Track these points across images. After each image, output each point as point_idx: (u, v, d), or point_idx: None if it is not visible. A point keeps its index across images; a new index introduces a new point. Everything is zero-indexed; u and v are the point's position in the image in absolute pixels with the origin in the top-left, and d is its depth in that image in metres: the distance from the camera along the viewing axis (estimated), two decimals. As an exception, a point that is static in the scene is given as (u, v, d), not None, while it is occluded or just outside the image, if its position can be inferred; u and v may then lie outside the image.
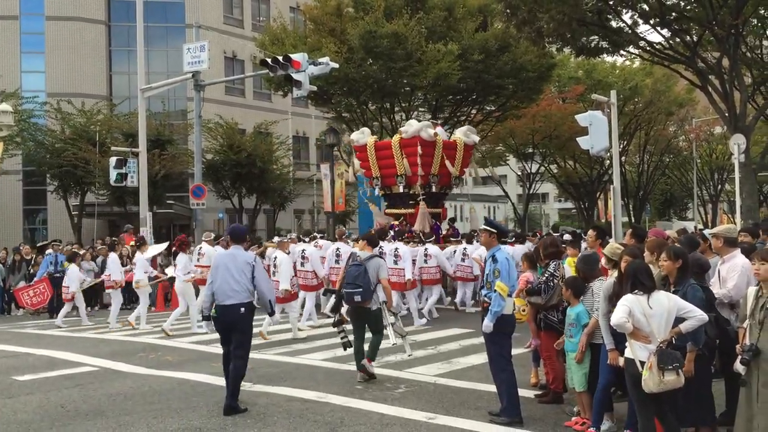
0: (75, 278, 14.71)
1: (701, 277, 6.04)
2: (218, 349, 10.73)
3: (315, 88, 19.01)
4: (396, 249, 13.65)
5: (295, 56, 17.07)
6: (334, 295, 9.42)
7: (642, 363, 5.05)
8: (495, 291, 6.55)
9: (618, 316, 5.10)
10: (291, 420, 6.75)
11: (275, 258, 12.07)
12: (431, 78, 23.71)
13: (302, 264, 13.28)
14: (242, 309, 7.21)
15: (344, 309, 8.85)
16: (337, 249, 13.93)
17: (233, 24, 37.98)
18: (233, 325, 7.25)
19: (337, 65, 18.43)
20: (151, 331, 13.34)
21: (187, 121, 30.16)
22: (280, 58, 17.32)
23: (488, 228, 6.93)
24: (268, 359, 9.94)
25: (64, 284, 14.97)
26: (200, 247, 14.05)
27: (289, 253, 12.65)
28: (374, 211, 20.40)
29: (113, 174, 19.56)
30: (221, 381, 8.42)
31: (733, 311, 6.05)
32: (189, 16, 34.48)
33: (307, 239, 14.73)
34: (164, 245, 16.72)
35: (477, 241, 14.92)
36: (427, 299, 14.41)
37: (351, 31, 24.09)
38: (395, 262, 13.36)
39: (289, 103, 36.13)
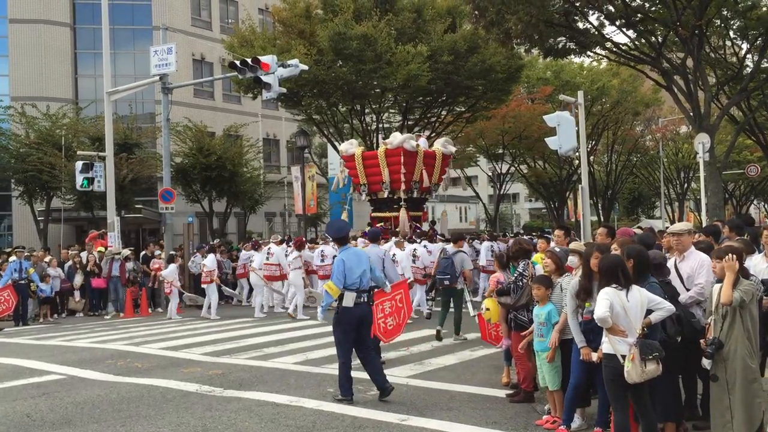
0: (173, 276, 16.64)
1: (663, 275, 6.11)
2: (188, 355, 10.72)
3: (285, 91, 19.01)
4: (414, 249, 15.59)
5: (264, 58, 17.00)
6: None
7: (623, 356, 5.14)
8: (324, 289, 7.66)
9: (602, 310, 5.15)
10: (263, 425, 6.70)
11: (394, 255, 14.03)
12: (401, 79, 23.71)
13: (413, 261, 15.29)
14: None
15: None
16: (414, 250, 15.56)
17: (201, 26, 37.60)
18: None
19: (306, 67, 18.41)
20: (120, 337, 13.17)
21: (155, 125, 29.76)
22: (249, 60, 17.23)
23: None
24: (239, 364, 9.86)
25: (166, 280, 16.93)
26: (269, 248, 16.44)
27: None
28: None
29: (79, 178, 19.33)
30: (191, 387, 8.39)
31: (699, 307, 6.14)
32: (156, 18, 34.02)
33: (419, 240, 16.66)
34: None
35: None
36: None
37: (320, 32, 24.01)
38: (413, 261, 15.21)
39: (258, 106, 35.89)
